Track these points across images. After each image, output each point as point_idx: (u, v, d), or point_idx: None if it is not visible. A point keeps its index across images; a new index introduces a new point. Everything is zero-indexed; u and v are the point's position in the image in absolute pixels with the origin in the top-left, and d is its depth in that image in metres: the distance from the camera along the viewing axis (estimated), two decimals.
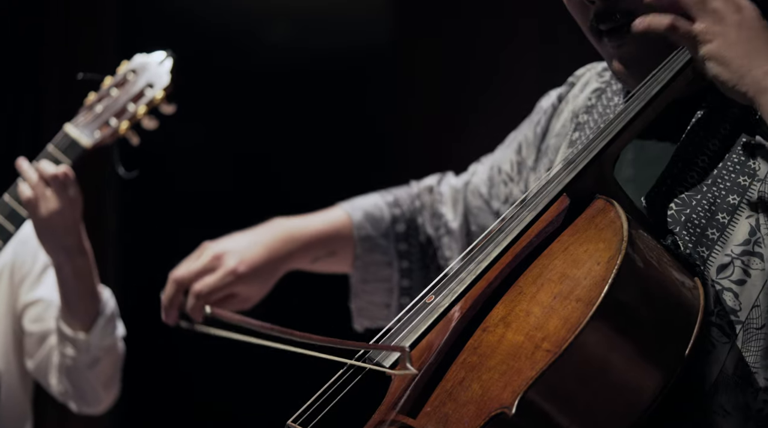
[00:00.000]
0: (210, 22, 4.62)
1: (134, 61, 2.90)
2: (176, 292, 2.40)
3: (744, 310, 1.91)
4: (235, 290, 2.41)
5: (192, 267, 2.40)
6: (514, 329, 1.83)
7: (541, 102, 2.43)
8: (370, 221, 2.53)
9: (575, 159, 1.97)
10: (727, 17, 1.88)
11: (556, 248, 1.91)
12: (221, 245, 2.44)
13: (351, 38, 4.62)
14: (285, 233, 2.48)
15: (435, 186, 2.59)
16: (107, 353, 2.87)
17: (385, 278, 2.54)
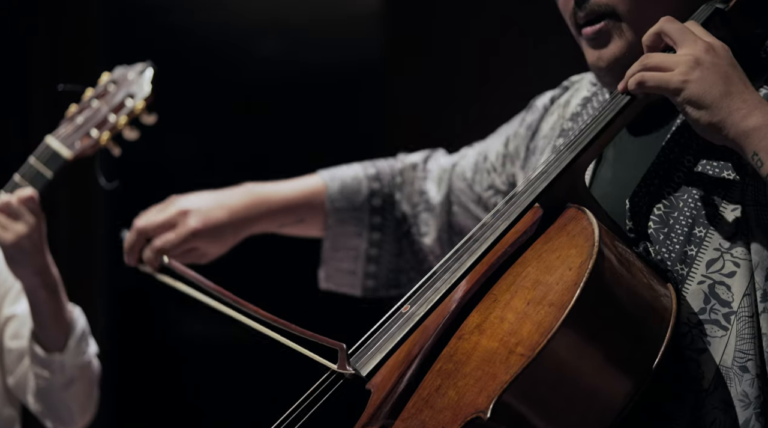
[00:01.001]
0: (202, 36, 4.65)
1: (115, 73, 2.90)
2: (137, 239, 2.50)
3: (736, 300, 1.94)
4: (193, 246, 2.49)
5: (155, 219, 2.50)
6: (489, 335, 1.86)
7: (536, 101, 2.45)
8: (346, 193, 2.59)
9: (547, 169, 2.00)
10: (701, 58, 1.91)
11: (529, 256, 1.94)
12: (188, 201, 2.52)
13: (342, 54, 4.65)
14: (252, 199, 2.56)
15: (420, 163, 2.62)
16: (82, 372, 2.85)
17: (353, 246, 2.60)
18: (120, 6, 4.66)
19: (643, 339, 1.86)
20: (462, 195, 2.53)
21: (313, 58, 4.61)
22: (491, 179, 2.48)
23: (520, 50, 4.25)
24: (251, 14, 4.71)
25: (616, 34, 2.07)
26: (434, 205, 2.56)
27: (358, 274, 2.61)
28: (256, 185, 2.60)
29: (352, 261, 2.61)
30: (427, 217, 2.57)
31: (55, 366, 2.82)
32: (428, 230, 2.57)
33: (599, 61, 2.09)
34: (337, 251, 2.61)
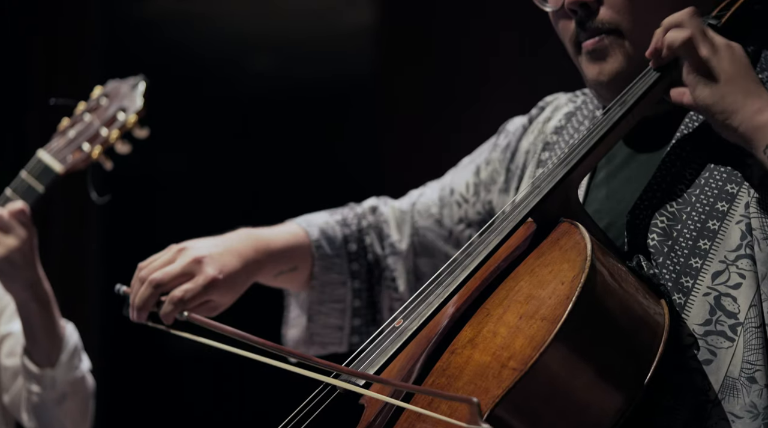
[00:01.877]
0: (195, 51, 4.66)
1: (107, 86, 2.89)
2: (152, 293, 2.26)
3: (743, 311, 1.95)
4: (210, 297, 2.31)
5: (170, 271, 2.27)
6: (481, 349, 1.86)
7: (507, 125, 2.45)
8: (325, 239, 2.47)
9: (540, 184, 2.01)
10: (720, 52, 1.94)
11: (522, 270, 1.94)
12: (197, 249, 2.32)
13: (335, 69, 4.66)
14: (257, 243, 2.40)
15: (377, 207, 2.55)
16: (74, 388, 2.83)
17: (339, 298, 2.48)
18: (115, 21, 4.67)
19: (636, 354, 1.86)
20: (428, 233, 2.48)
21: (306, 73, 4.62)
22: (462, 211, 2.44)
23: (513, 66, 4.26)
24: (245, 29, 4.72)
25: (618, 48, 2.08)
26: (401, 250, 2.49)
27: (345, 330, 2.50)
28: (253, 230, 2.44)
29: (340, 315, 2.49)
30: (394, 261, 2.49)
31: (47, 382, 2.80)
32: (396, 275, 2.49)
33: (600, 76, 2.09)
34: (324, 305, 2.48)
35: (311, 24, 4.68)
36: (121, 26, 4.68)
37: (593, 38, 2.09)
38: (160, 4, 4.76)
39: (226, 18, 4.74)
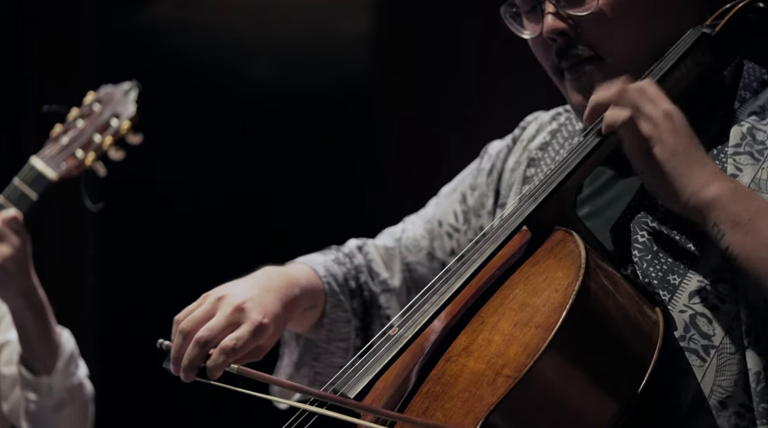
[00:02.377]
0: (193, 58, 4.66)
1: (100, 92, 2.88)
2: (200, 353, 2.11)
3: (718, 335, 1.94)
4: (258, 343, 2.17)
5: (216, 325, 2.13)
6: (476, 357, 1.87)
7: (488, 148, 2.43)
8: (331, 276, 2.38)
9: (535, 192, 2.01)
10: (661, 125, 1.91)
11: (516, 278, 1.95)
12: (234, 295, 2.18)
13: (331, 76, 4.67)
14: (287, 279, 2.28)
15: (363, 246, 2.47)
16: (71, 395, 2.82)
17: (345, 336, 2.39)
18: (112, 27, 4.68)
19: (630, 361, 1.87)
20: (420, 267, 2.42)
21: (304, 80, 4.63)
22: (454, 241, 2.39)
23: (510, 73, 4.27)
24: (243, 37, 4.73)
25: (600, 74, 2.06)
26: (394, 287, 2.42)
27: None
28: (277, 267, 2.31)
29: (344, 354, 2.39)
30: (388, 298, 2.42)
31: (44, 389, 2.80)
32: (390, 312, 2.41)
33: (584, 102, 2.05)
34: (331, 344, 2.38)
35: (309, 32, 4.69)
36: (119, 33, 4.69)
37: (575, 67, 2.08)
38: (158, 10, 4.77)
39: (224, 25, 4.75)
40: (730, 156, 1.99)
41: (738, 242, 1.86)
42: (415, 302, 2.02)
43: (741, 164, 1.98)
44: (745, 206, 1.87)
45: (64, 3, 4.67)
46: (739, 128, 2.01)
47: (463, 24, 4.40)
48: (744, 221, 1.86)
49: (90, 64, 4.60)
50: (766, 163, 1.97)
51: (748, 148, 1.99)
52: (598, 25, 2.05)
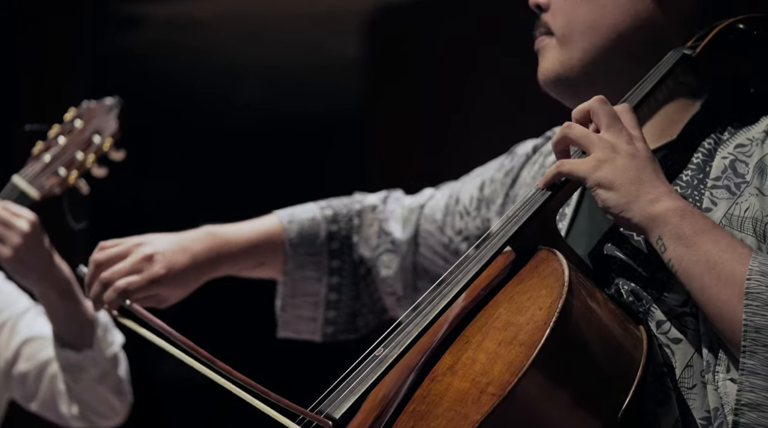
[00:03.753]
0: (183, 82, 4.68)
1: (81, 108, 2.85)
2: (101, 290, 2.41)
3: (678, 368, 1.95)
4: (156, 292, 2.43)
5: (119, 269, 2.40)
6: (461, 376, 1.88)
7: (517, 148, 2.47)
8: (304, 237, 2.54)
9: (518, 213, 2.03)
10: (618, 146, 1.93)
11: (501, 298, 1.96)
12: (150, 245, 2.45)
13: (322, 100, 4.69)
14: (214, 242, 2.50)
15: (380, 205, 2.60)
16: (113, 363, 2.82)
17: (312, 292, 2.56)
18: (103, 50, 4.70)
19: (614, 380, 1.87)
20: (430, 238, 2.52)
21: (293, 105, 4.65)
22: (463, 223, 2.47)
23: (501, 98, 4.29)
24: (233, 61, 4.75)
25: (551, 48, 2.14)
26: (399, 245, 2.54)
27: (318, 321, 2.58)
28: (216, 227, 2.54)
29: (312, 308, 2.57)
30: (390, 258, 2.55)
31: (88, 363, 2.78)
32: (389, 272, 2.54)
33: (539, 76, 2.16)
34: (296, 298, 2.56)
35: (299, 56, 4.71)
36: (111, 55, 4.71)
37: (537, 38, 2.17)
38: (148, 35, 4.79)
39: (214, 49, 4.77)
40: (708, 189, 2.01)
41: (678, 256, 1.87)
42: (399, 322, 2.03)
43: (716, 198, 1.99)
44: (690, 222, 1.88)
45: (57, 25, 4.69)
46: (723, 160, 2.02)
47: (453, 49, 4.42)
48: (687, 235, 1.87)
49: (81, 86, 4.61)
50: (740, 198, 1.98)
51: (727, 181, 2.00)
52: (556, 2, 2.14)
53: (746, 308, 1.81)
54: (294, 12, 4.71)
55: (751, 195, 1.97)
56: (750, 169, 1.99)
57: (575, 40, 2.11)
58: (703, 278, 1.86)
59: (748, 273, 1.82)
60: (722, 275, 1.84)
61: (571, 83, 2.12)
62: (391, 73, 4.62)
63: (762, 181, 1.98)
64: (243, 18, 4.73)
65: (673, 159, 2.06)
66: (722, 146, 2.04)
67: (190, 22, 4.74)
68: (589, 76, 2.11)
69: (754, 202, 1.97)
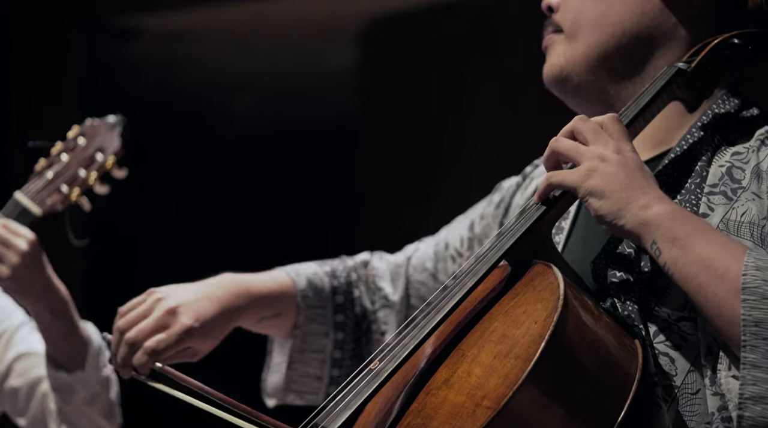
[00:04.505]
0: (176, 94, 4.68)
1: (84, 125, 2.86)
2: (129, 353, 2.29)
3: (679, 375, 1.96)
4: (187, 345, 2.31)
5: (145, 327, 2.29)
6: (456, 390, 1.88)
7: (502, 183, 2.49)
8: (312, 289, 2.49)
9: (513, 227, 2.03)
10: (606, 155, 1.94)
11: (496, 311, 1.97)
12: (172, 297, 2.33)
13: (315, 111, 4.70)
14: (237, 288, 2.39)
15: (369, 261, 2.57)
16: (103, 386, 2.80)
17: (320, 348, 2.49)
18: (96, 63, 4.70)
19: (609, 393, 1.88)
20: (422, 287, 2.51)
21: (286, 115, 4.66)
22: (457, 265, 2.47)
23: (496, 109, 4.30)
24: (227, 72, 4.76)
25: (558, 44, 2.18)
26: (394, 301, 2.51)
27: (323, 380, 2.51)
28: (235, 275, 2.43)
29: (319, 365, 2.50)
30: (386, 314, 2.52)
31: (78, 385, 2.77)
32: (387, 328, 2.51)
33: (544, 71, 2.18)
34: (305, 353, 2.49)
35: (292, 67, 4.72)
36: (103, 68, 4.71)
37: (546, 36, 2.20)
38: (143, 47, 4.79)
39: (207, 61, 4.78)
40: (706, 194, 2.02)
41: (673, 259, 1.88)
42: (396, 336, 2.04)
43: (713, 204, 2.01)
44: (683, 223, 1.89)
45: (50, 37, 4.69)
46: (719, 168, 2.04)
47: (447, 59, 4.43)
48: (680, 237, 1.88)
49: (74, 99, 4.62)
50: (737, 203, 1.99)
51: (724, 187, 2.02)
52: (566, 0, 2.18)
53: (744, 303, 1.81)
54: (287, 24, 4.72)
55: (747, 200, 1.99)
56: (746, 174, 2.01)
57: (581, 35, 2.14)
58: (699, 278, 1.86)
59: (743, 269, 1.83)
60: (718, 273, 1.85)
61: (573, 80, 2.15)
62: (383, 84, 4.63)
63: (759, 185, 1.99)
64: (237, 30, 4.74)
65: (672, 167, 2.07)
66: (719, 154, 2.06)
67: (185, 35, 4.75)
68: (592, 73, 2.14)
69: (751, 207, 1.98)
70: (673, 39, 2.13)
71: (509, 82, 4.05)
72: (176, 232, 4.60)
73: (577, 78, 2.15)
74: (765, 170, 2.00)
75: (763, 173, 1.99)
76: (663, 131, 2.13)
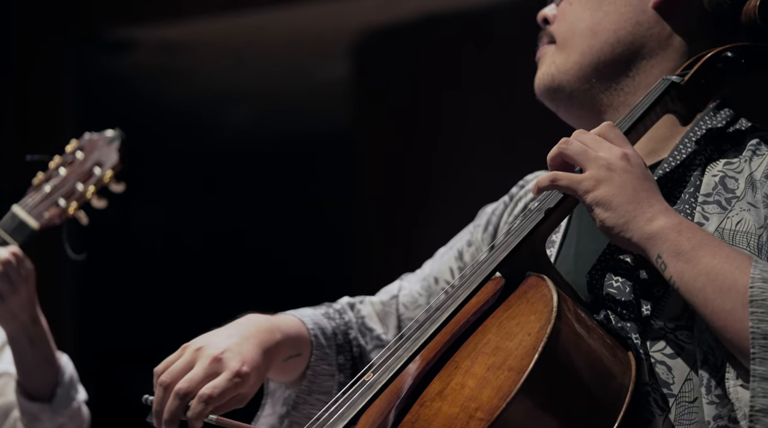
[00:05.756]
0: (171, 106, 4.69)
1: (83, 140, 2.86)
2: (180, 405, 2.14)
3: (677, 383, 1.96)
4: (239, 391, 2.18)
5: (195, 377, 2.15)
6: (450, 401, 1.88)
7: (485, 208, 2.47)
8: (319, 329, 2.40)
9: (507, 239, 2.04)
10: (613, 164, 1.94)
11: (490, 323, 1.97)
12: (213, 345, 2.20)
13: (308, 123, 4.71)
14: (268, 325, 2.29)
15: (354, 304, 2.50)
16: (71, 420, 2.80)
17: (327, 390, 2.40)
18: (89, 75, 4.70)
19: (602, 405, 1.88)
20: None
21: (280, 127, 4.67)
22: None
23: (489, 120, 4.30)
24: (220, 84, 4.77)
25: (550, 54, 2.19)
26: (387, 341, 2.44)
27: None
28: (259, 315, 2.32)
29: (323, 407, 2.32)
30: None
31: (45, 416, 2.77)
32: None
33: (535, 82, 2.19)
34: (312, 395, 2.39)
35: (285, 79, 4.73)
36: (98, 80, 4.72)
37: (540, 48, 2.22)
38: (136, 59, 4.80)
39: (201, 73, 4.79)
40: (700, 204, 2.03)
41: (679, 272, 1.88)
42: (389, 347, 2.04)
43: (708, 213, 2.01)
44: (688, 236, 1.89)
45: (44, 50, 4.70)
46: (713, 178, 2.05)
47: (439, 71, 4.44)
48: (686, 251, 1.88)
49: (68, 110, 4.62)
50: (731, 212, 2.00)
51: (718, 197, 2.02)
52: (562, 10, 2.19)
53: (752, 316, 1.82)
54: (281, 38, 4.73)
55: (742, 210, 2.00)
56: (740, 184, 2.02)
57: (575, 43, 2.15)
58: (705, 291, 1.86)
59: (750, 281, 1.83)
60: (724, 286, 1.85)
61: (565, 89, 2.16)
62: (376, 97, 4.64)
63: (753, 195, 2.00)
64: (230, 43, 4.75)
65: (665, 177, 2.08)
66: (711, 164, 2.07)
67: (178, 47, 4.76)
68: (584, 81, 2.16)
69: (746, 216, 1.99)
70: (667, 50, 2.14)
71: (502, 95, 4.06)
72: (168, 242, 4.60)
73: (569, 87, 2.16)
74: (758, 179, 2.00)
75: (757, 182, 2.00)
76: (654, 141, 2.14)
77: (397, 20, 4.54)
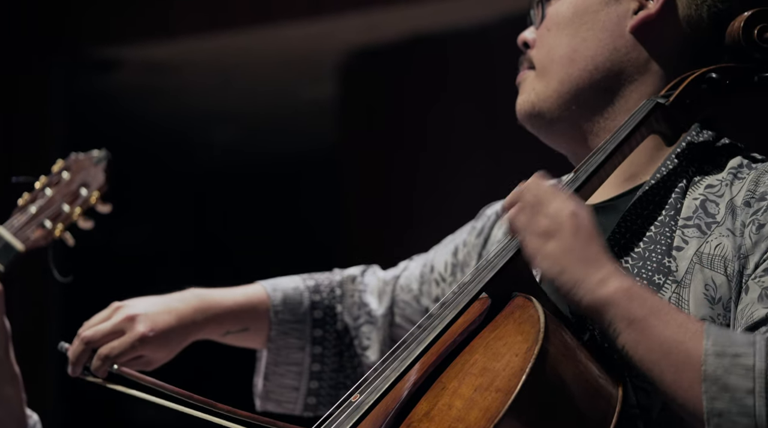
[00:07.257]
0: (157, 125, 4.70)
1: (69, 160, 2.83)
2: (83, 351, 2.40)
3: (655, 409, 1.96)
4: (141, 353, 2.40)
5: (101, 329, 2.40)
6: (437, 422, 1.88)
7: (485, 210, 2.49)
8: (288, 305, 2.54)
9: (494, 260, 2.04)
10: (563, 222, 1.94)
11: (477, 344, 1.97)
12: (134, 307, 2.44)
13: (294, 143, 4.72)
14: (199, 303, 2.48)
15: (359, 276, 2.61)
16: None
17: (296, 361, 2.56)
18: (75, 94, 4.71)
19: (590, 425, 1.88)
20: (407, 308, 2.53)
21: (266, 147, 4.68)
22: (440, 290, 2.48)
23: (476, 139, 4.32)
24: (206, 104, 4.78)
25: (529, 80, 2.20)
26: (376, 317, 2.55)
27: (300, 390, 2.57)
28: (202, 290, 2.52)
29: (296, 377, 2.57)
30: (369, 330, 2.55)
31: None
32: (370, 343, 2.55)
33: (516, 107, 2.21)
34: (279, 366, 2.56)
35: (272, 99, 4.74)
36: (82, 100, 4.72)
37: (521, 73, 2.23)
38: (123, 78, 4.80)
39: (188, 93, 4.80)
40: (680, 227, 2.03)
41: (632, 342, 1.87)
42: (376, 368, 2.04)
43: (687, 237, 2.02)
44: (640, 303, 1.88)
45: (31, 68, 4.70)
46: (693, 201, 2.05)
47: (424, 90, 4.45)
48: (638, 319, 1.87)
49: (56, 130, 4.62)
50: (711, 237, 2.00)
51: (698, 220, 2.03)
52: (540, 36, 2.20)
53: (705, 395, 1.82)
54: (268, 57, 4.74)
55: (722, 235, 2.00)
56: (721, 209, 2.02)
57: (554, 70, 2.16)
58: (660, 365, 1.86)
59: (703, 356, 1.82)
60: (678, 360, 1.84)
61: (545, 116, 2.17)
62: (363, 116, 4.66)
63: (733, 222, 2.00)
64: (217, 63, 4.75)
65: (646, 199, 2.08)
66: (693, 186, 2.07)
67: (165, 67, 4.77)
68: (564, 109, 2.16)
69: (725, 242, 1.99)
70: (646, 73, 2.15)
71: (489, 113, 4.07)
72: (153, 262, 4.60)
73: (549, 114, 2.17)
74: (739, 205, 2.01)
75: (737, 208, 2.01)
76: (635, 165, 2.14)
77: (383, 40, 4.55)
